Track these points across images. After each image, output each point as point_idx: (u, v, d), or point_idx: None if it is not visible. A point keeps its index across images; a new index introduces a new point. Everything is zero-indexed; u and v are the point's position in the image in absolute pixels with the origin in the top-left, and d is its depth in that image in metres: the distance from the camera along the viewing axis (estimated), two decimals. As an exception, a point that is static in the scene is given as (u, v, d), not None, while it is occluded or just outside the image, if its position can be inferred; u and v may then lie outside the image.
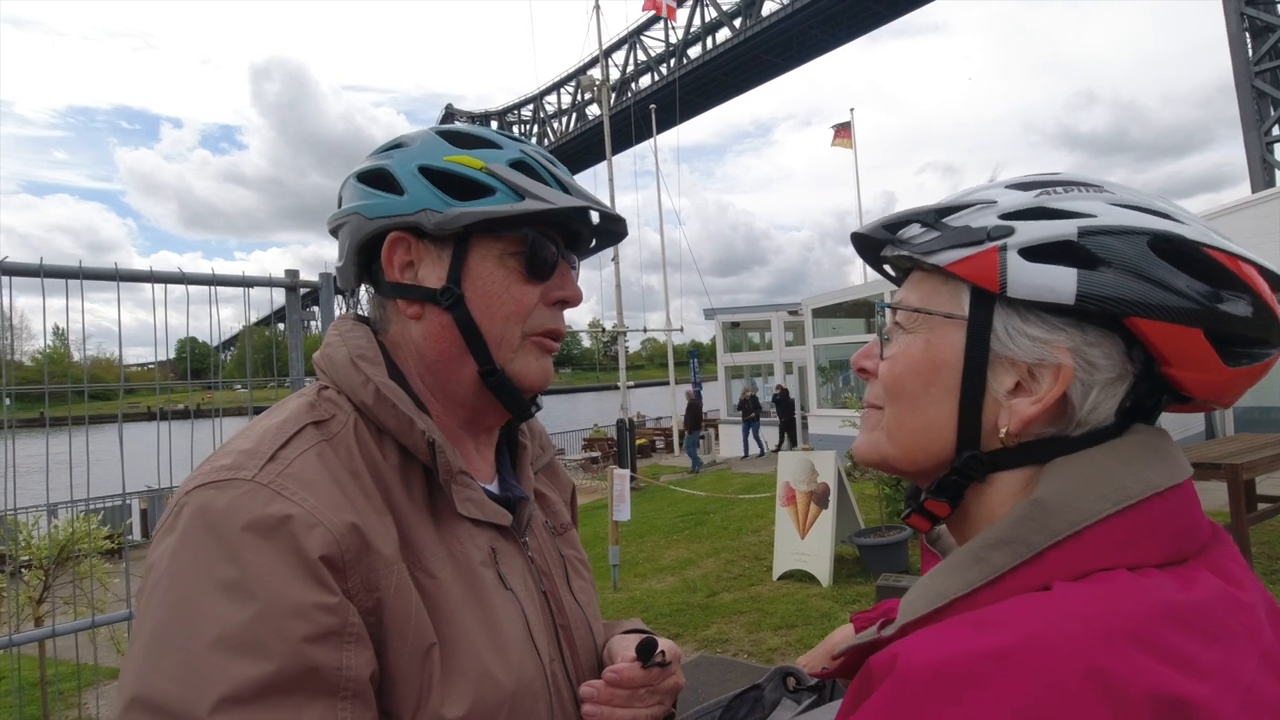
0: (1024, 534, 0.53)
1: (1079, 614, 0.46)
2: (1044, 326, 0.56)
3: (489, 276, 0.81)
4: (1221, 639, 0.47)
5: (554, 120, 71.85)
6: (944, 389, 0.59)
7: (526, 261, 0.82)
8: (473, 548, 0.79)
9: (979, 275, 0.57)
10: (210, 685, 0.58)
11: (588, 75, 22.88)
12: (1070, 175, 0.62)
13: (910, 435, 0.61)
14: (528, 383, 0.85)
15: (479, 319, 0.81)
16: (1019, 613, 0.48)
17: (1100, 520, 0.52)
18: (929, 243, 0.60)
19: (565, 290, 0.86)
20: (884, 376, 0.63)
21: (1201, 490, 2.69)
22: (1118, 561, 0.51)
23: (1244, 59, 31.62)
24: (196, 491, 0.67)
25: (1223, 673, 0.45)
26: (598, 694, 0.83)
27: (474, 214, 0.79)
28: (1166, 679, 0.43)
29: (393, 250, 0.82)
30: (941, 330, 0.60)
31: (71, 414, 2.45)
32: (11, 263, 2.30)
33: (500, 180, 0.80)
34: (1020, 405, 0.56)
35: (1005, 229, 0.57)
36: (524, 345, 0.84)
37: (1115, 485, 0.53)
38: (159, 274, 2.53)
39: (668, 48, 57.62)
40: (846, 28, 52.66)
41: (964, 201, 0.62)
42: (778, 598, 6.02)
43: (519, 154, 0.83)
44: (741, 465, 16.07)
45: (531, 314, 0.84)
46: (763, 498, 9.29)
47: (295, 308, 3.00)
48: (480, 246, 0.81)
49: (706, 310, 20.45)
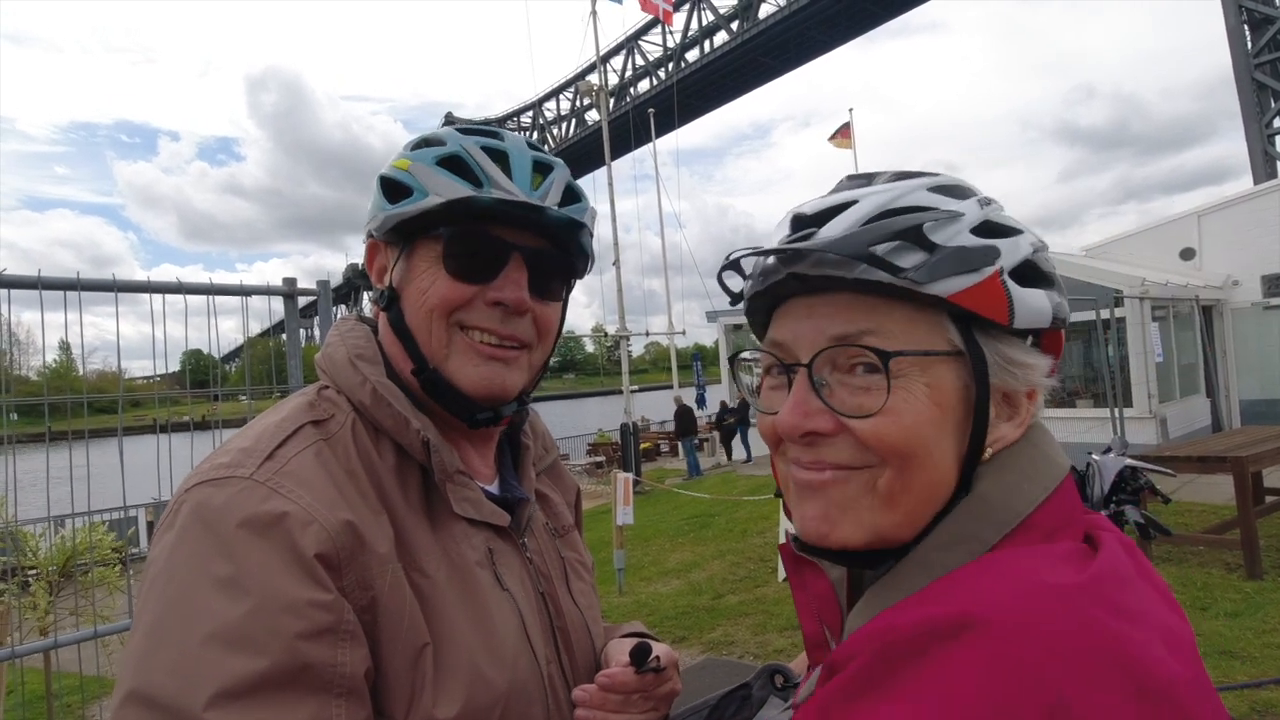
0: (975, 531, 0.52)
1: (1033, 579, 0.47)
2: (1024, 351, 0.55)
3: (420, 276, 0.81)
4: (1138, 587, 0.49)
5: (553, 126, 72.03)
6: (951, 434, 0.53)
7: (445, 259, 0.80)
8: (469, 548, 0.79)
9: (984, 305, 0.51)
10: (205, 680, 0.58)
11: (586, 81, 22.95)
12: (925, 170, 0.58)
13: (921, 492, 0.53)
14: (466, 385, 0.80)
15: (409, 318, 0.81)
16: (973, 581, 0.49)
17: (1037, 507, 0.53)
18: (922, 269, 0.50)
19: (502, 292, 0.80)
20: (885, 435, 0.51)
21: (1209, 484, 2.70)
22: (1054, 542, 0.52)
23: (1243, 51, 31.54)
24: (195, 489, 0.68)
25: (1146, 616, 0.47)
26: (590, 698, 0.83)
27: (392, 216, 0.80)
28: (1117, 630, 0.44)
29: (371, 256, 0.86)
30: (936, 369, 0.52)
31: (72, 428, 2.46)
32: (10, 275, 2.31)
33: (415, 179, 0.80)
34: (1008, 431, 0.55)
35: (994, 251, 0.52)
36: (455, 344, 0.81)
37: (1045, 471, 0.55)
38: (157, 284, 2.54)
39: (665, 52, 57.76)
40: (844, 28, 52.72)
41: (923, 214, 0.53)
42: (783, 599, 6.00)
43: (457, 149, 0.81)
44: (744, 469, 16.01)
45: (460, 310, 0.80)
46: (767, 500, 9.26)
47: (293, 316, 3.00)
48: (420, 248, 0.82)
49: (709, 313, 20.40)
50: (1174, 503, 7.02)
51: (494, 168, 0.81)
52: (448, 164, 0.80)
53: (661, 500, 12.46)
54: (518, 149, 0.83)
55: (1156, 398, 10.66)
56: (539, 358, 0.87)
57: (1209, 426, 11.81)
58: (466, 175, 0.80)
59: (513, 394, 0.84)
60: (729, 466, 16.76)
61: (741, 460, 17.18)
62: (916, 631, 0.46)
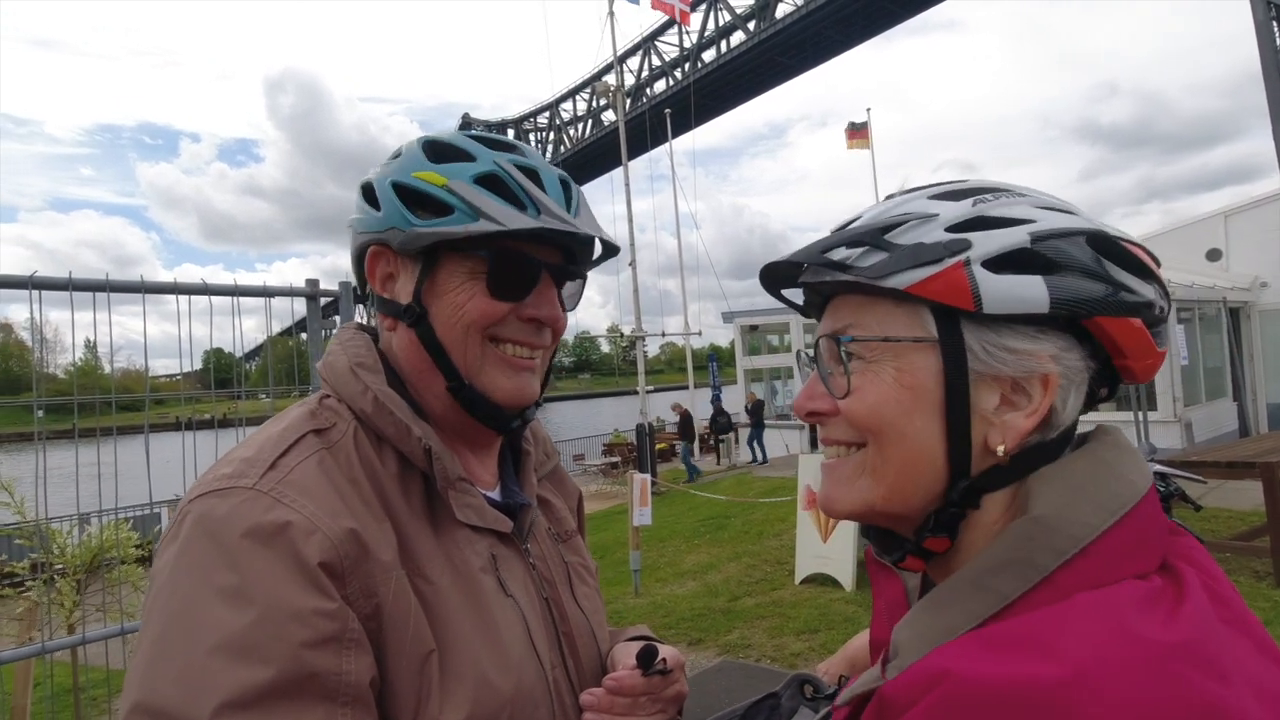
0: (1028, 554, 0.51)
1: (1118, 637, 0.45)
2: (1022, 338, 0.55)
3: (453, 291, 0.80)
4: (1225, 639, 0.47)
5: (570, 127, 72.22)
6: (928, 417, 0.56)
7: (489, 281, 0.80)
8: (472, 554, 0.79)
9: (947, 294, 0.54)
10: (211, 691, 0.59)
11: (603, 81, 22.99)
12: (985, 181, 0.61)
13: (900, 468, 0.57)
14: (500, 397, 0.83)
15: (442, 335, 0.81)
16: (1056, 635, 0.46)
17: (1103, 533, 0.51)
18: (879, 265, 0.56)
19: (539, 310, 0.82)
20: (854, 412, 0.58)
21: (1236, 489, 2.64)
22: (1124, 572, 0.50)
23: (1271, 47, 30.93)
24: (199, 500, 0.68)
25: (1237, 672, 0.45)
26: (598, 702, 0.83)
27: (431, 234, 0.78)
28: (1205, 691, 0.43)
29: (374, 263, 0.84)
30: (909, 356, 0.56)
31: (100, 425, 2.50)
32: (41, 277, 2.35)
33: (459, 199, 0.78)
34: (1015, 420, 0.55)
35: (962, 243, 0.55)
36: (487, 357, 0.82)
37: (1110, 493, 0.53)
38: (183, 285, 2.58)
39: (682, 52, 57.73)
40: (861, 28, 52.40)
41: (898, 217, 0.58)
42: (800, 602, 5.97)
43: (491, 166, 0.80)
44: (760, 470, 15.94)
45: (495, 324, 0.81)
46: (784, 501, 9.21)
47: (315, 316, 3.03)
48: (449, 263, 0.81)
49: (724, 313, 20.34)
50: (1203, 509, 6.89)
51: (536, 190, 0.80)
52: (487, 184, 0.79)
53: (677, 501, 12.45)
54: (544, 166, 0.84)
55: (1181, 401, 10.47)
56: (544, 362, 0.89)
57: (1236, 431, 11.59)
58: (509, 198, 0.79)
59: (534, 399, 0.86)
60: (744, 468, 16.69)
61: (754, 462, 17.04)
62: (986, 694, 0.44)
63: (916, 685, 0.48)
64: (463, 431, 0.86)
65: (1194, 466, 5.09)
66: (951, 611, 0.53)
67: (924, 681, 0.47)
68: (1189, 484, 2.48)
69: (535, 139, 76.33)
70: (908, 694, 0.48)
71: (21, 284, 2.30)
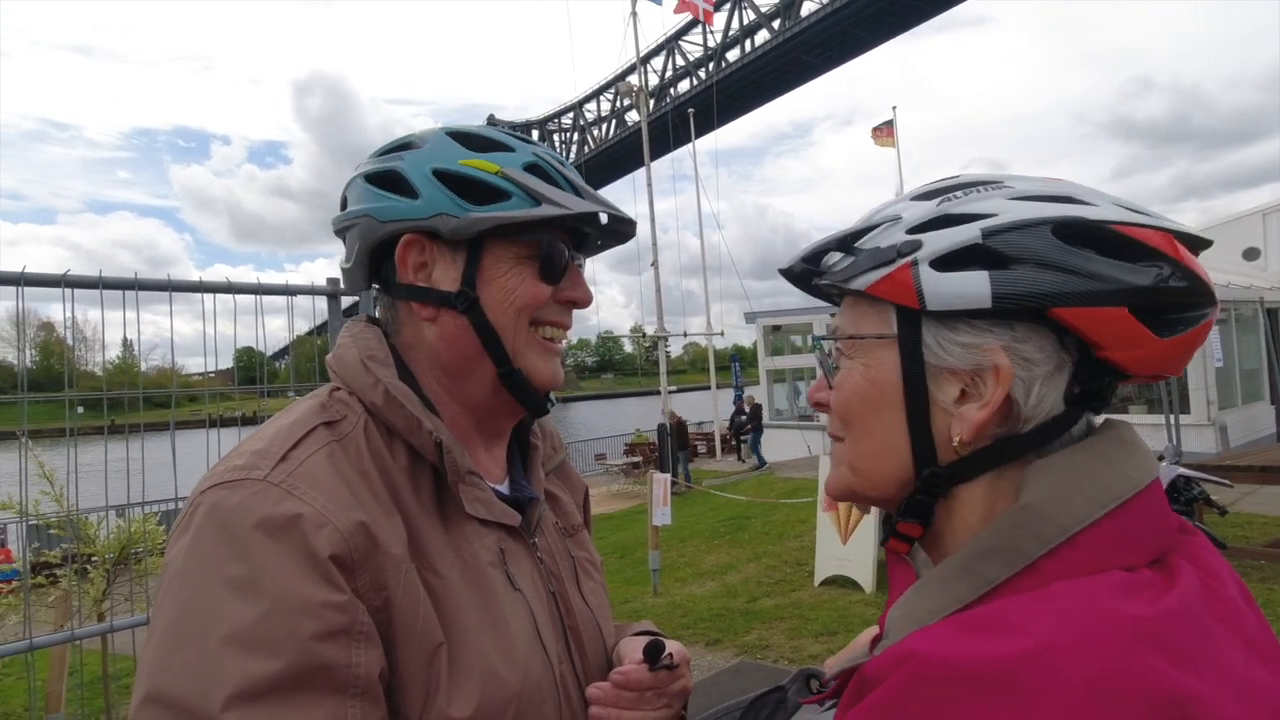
0: (1014, 541, 0.52)
1: (1084, 619, 0.46)
2: (972, 331, 0.55)
3: (504, 279, 0.82)
4: (1210, 632, 0.47)
5: (593, 128, 72.43)
6: (891, 409, 0.59)
7: (541, 265, 0.83)
8: (481, 548, 0.80)
9: (897, 293, 0.57)
10: (222, 682, 0.59)
11: (626, 81, 23.02)
12: (971, 176, 0.62)
13: (868, 460, 0.62)
14: (540, 380, 0.86)
15: (495, 321, 0.82)
16: (1026, 616, 0.47)
17: (1091, 524, 0.51)
18: (847, 269, 0.61)
19: (576, 291, 0.88)
20: (835, 406, 0.64)
21: (1272, 495, 2.57)
22: (1111, 564, 0.50)
23: (1314, 42, 29.90)
24: (210, 491, 0.69)
25: (1215, 665, 0.45)
26: (603, 696, 0.83)
27: (491, 219, 0.79)
28: (1169, 679, 0.43)
29: (406, 252, 0.82)
30: (876, 352, 0.60)
31: (129, 421, 2.57)
32: (73, 276, 2.43)
33: (516, 184, 0.80)
34: (969, 412, 0.56)
35: (913, 244, 0.58)
36: (531, 342, 0.85)
37: (1101, 486, 0.53)
38: (208, 284, 2.64)
39: (706, 52, 57.60)
40: (888, 25, 51.85)
41: (873, 222, 0.62)
42: (819, 604, 5.93)
43: (532, 156, 0.83)
44: (781, 471, 15.85)
45: (540, 309, 0.85)
46: (804, 503, 9.16)
47: (337, 315, 3.08)
48: (495, 249, 0.82)
49: (747, 314, 20.25)
50: (1235, 514, 6.72)
51: (575, 176, 0.86)
52: (534, 172, 0.83)
53: (698, 501, 12.43)
54: (555, 156, 0.88)
55: (1216, 404, 10.21)
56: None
57: (1274, 434, 11.26)
58: (551, 181, 0.83)
59: (563, 382, 0.90)
60: (764, 470, 16.59)
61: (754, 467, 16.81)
62: (946, 673, 0.46)
63: (887, 665, 0.49)
64: (480, 424, 0.87)
65: (1225, 471, 4.95)
66: (938, 594, 0.54)
67: (893, 661, 0.49)
68: (1217, 489, 2.43)
69: (559, 139, 76.66)
70: (880, 673, 0.49)
71: (54, 283, 2.37)
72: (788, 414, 19.52)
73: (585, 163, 68.16)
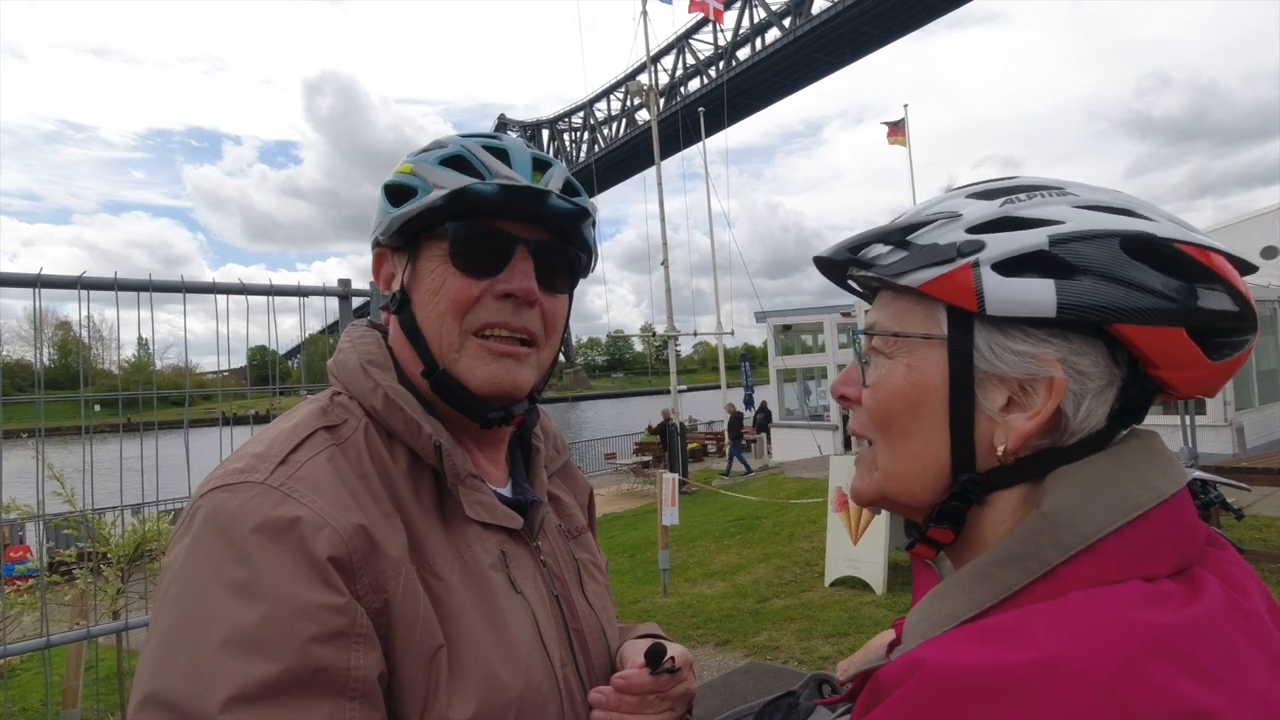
0: (1035, 549, 0.51)
1: (1099, 628, 0.45)
2: (1029, 340, 0.54)
3: (430, 276, 0.81)
4: (1232, 647, 0.46)
5: (604, 127, 72.47)
6: (933, 412, 0.57)
7: (453, 254, 0.80)
8: (482, 551, 0.80)
9: (954, 294, 0.55)
10: (219, 684, 0.60)
11: (636, 81, 23.01)
12: (1032, 179, 0.60)
13: (905, 464, 0.59)
14: (476, 385, 0.81)
15: (420, 320, 0.82)
16: (1040, 626, 0.47)
17: (1112, 532, 0.51)
18: (898, 263, 0.58)
19: (511, 283, 0.80)
20: (869, 406, 0.61)
21: (1294, 500, 2.46)
22: (1131, 573, 0.50)
23: (1335, 37, 29.48)
24: (210, 494, 0.69)
25: (1236, 681, 0.44)
26: (606, 700, 0.83)
27: (398, 217, 0.81)
28: (1186, 692, 0.42)
29: (379, 265, 0.87)
30: (921, 352, 0.58)
31: (144, 420, 2.59)
32: (89, 277, 2.46)
33: (420, 179, 0.81)
34: (1017, 421, 0.54)
35: (975, 244, 0.55)
36: (467, 344, 0.81)
37: (1124, 495, 0.52)
38: (221, 285, 2.66)
39: (716, 50, 57.49)
40: (899, 22, 51.56)
41: (928, 216, 0.60)
42: (830, 605, 5.91)
43: (458, 149, 0.83)
44: (793, 471, 15.80)
45: (472, 308, 0.81)
46: (815, 503, 9.13)
47: (348, 315, 3.10)
48: (428, 248, 0.82)
49: (758, 313, 20.20)
50: (1253, 517, 6.63)
51: (495, 161, 0.82)
52: (450, 163, 0.82)
53: (708, 501, 12.41)
54: (516, 147, 0.85)
55: (1233, 405, 10.09)
56: (547, 356, 0.88)
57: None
58: (469, 171, 0.81)
59: (524, 391, 0.84)
60: (776, 469, 16.55)
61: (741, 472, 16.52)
62: (955, 681, 0.45)
63: (899, 672, 0.48)
64: (466, 427, 0.86)
65: (1242, 474, 4.89)
66: (955, 600, 0.54)
67: (904, 669, 0.48)
68: (1234, 491, 2.40)
69: (570, 139, 76.74)
70: (892, 680, 0.49)
71: (70, 284, 2.40)
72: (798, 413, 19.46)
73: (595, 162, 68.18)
